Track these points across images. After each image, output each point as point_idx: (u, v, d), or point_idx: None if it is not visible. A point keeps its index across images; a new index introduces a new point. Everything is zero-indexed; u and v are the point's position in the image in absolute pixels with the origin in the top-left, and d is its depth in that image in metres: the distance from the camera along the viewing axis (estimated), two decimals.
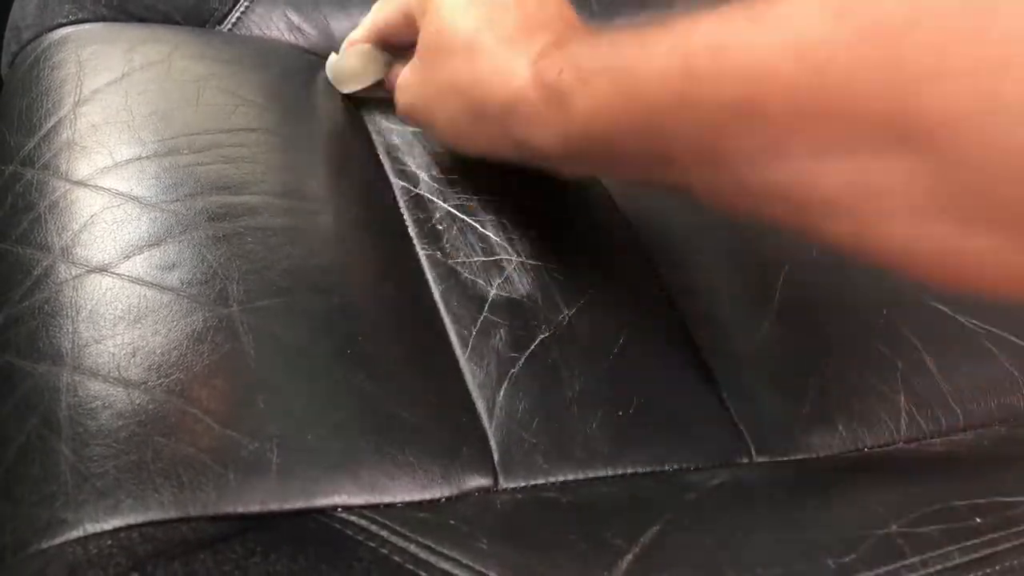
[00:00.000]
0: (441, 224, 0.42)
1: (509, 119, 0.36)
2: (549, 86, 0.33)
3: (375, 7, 0.45)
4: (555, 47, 0.35)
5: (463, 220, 0.42)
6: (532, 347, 0.37)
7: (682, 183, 0.31)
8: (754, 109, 0.25)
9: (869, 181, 0.24)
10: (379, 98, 0.49)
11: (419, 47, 0.41)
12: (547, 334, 0.38)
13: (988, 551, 0.32)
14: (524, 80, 0.34)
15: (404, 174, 0.44)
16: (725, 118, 0.26)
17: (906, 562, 0.31)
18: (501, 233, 0.42)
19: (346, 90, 0.48)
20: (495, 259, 0.41)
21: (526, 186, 0.44)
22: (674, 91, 0.28)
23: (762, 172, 0.27)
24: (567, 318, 0.39)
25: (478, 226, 0.42)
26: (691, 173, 0.30)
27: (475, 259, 0.41)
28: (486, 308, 0.39)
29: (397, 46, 0.45)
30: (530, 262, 0.41)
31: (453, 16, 0.38)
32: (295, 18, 0.53)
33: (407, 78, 0.42)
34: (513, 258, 0.41)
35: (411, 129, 0.47)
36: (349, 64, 0.47)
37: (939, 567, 0.31)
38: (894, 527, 0.32)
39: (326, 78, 0.49)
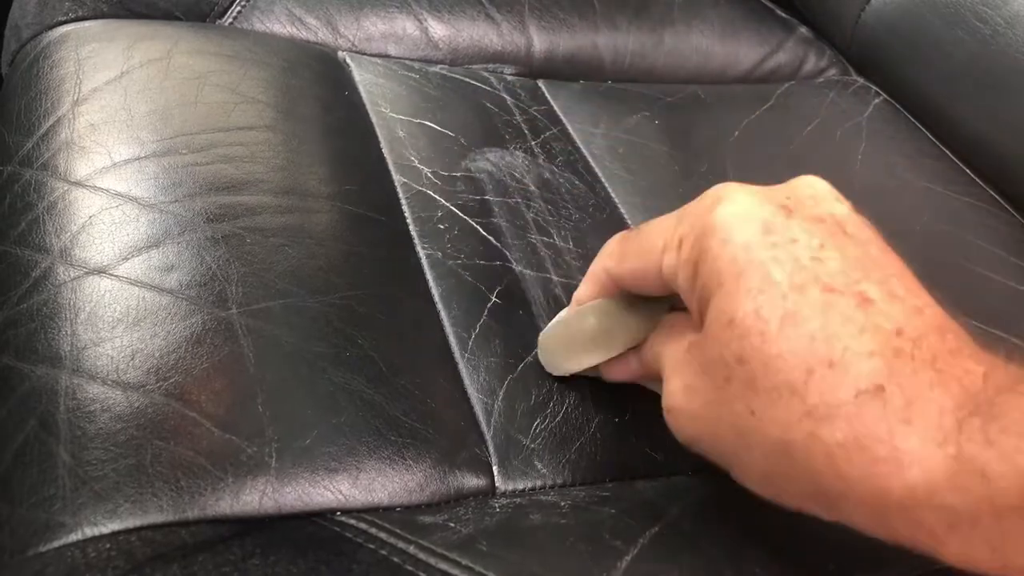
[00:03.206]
0: (443, 224, 0.42)
1: (899, 523, 0.24)
2: (990, 480, 0.22)
3: (605, 256, 0.33)
4: (975, 417, 0.22)
5: (465, 221, 0.42)
6: (531, 352, 0.37)
7: None
8: None
9: None
10: (385, 88, 0.48)
11: (706, 362, 0.27)
12: None
13: None
14: (930, 475, 0.22)
15: (406, 170, 0.44)
16: None
17: (905, 563, 0.31)
18: (503, 237, 0.42)
19: (571, 368, 0.35)
20: (496, 263, 0.41)
21: (527, 188, 0.44)
22: None
23: None
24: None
25: (480, 228, 0.42)
26: None
27: (476, 262, 0.40)
28: (486, 312, 0.39)
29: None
30: (531, 269, 0.41)
31: (764, 332, 0.25)
32: (297, 11, 0.53)
33: (688, 406, 0.29)
34: (514, 266, 0.41)
35: (417, 121, 0.47)
36: (582, 328, 0.34)
37: (938, 567, 0.31)
38: None
39: (327, 72, 0.49)
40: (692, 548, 0.31)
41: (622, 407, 0.36)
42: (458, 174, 0.44)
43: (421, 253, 0.40)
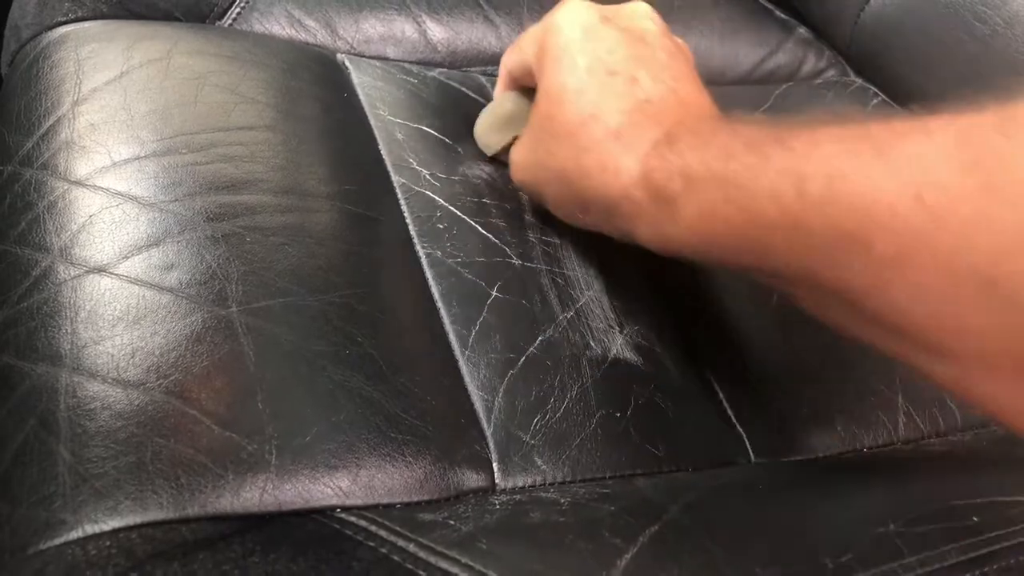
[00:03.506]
0: (442, 223, 0.42)
1: (614, 213, 0.36)
2: (656, 188, 0.33)
3: (506, 53, 0.44)
4: (665, 145, 0.34)
5: (464, 220, 0.42)
6: (531, 349, 0.37)
7: (785, 291, 0.31)
8: (863, 241, 0.25)
9: (970, 332, 0.24)
10: (384, 91, 0.49)
11: (531, 124, 0.40)
12: (546, 336, 0.38)
13: (985, 550, 0.32)
14: (631, 179, 0.34)
15: (406, 171, 0.44)
16: (833, 246, 0.26)
17: (904, 561, 0.31)
18: (502, 235, 0.42)
19: (494, 145, 0.46)
20: (496, 261, 0.41)
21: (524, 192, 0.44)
22: (785, 211, 0.28)
23: (864, 301, 0.27)
24: (566, 320, 0.39)
25: (479, 227, 0.42)
26: (795, 288, 0.30)
27: (476, 259, 0.41)
28: (486, 309, 0.39)
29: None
30: (530, 265, 0.41)
31: (562, 99, 0.37)
32: (296, 12, 0.53)
33: (521, 154, 0.42)
34: (514, 261, 0.41)
35: (415, 126, 0.47)
36: (503, 110, 0.45)
37: (937, 566, 0.31)
38: (892, 527, 0.32)
39: (326, 74, 0.49)
40: (692, 546, 0.31)
41: (623, 404, 0.37)
42: (456, 177, 0.45)
43: (420, 252, 0.40)
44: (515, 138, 0.43)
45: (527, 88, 0.43)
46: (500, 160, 0.46)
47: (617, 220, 0.36)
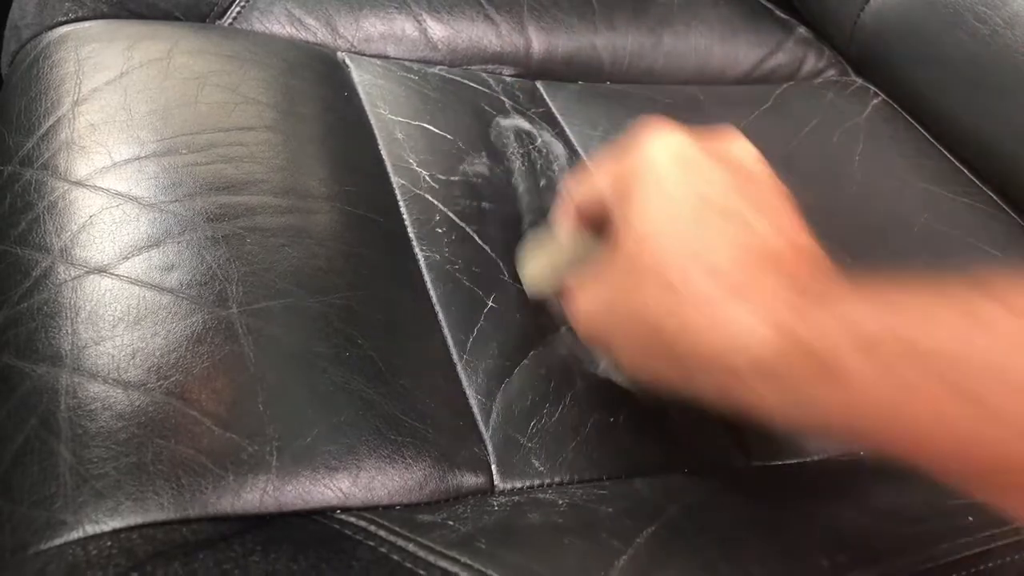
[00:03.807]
0: (440, 228, 0.42)
1: (731, 379, 0.29)
2: (811, 352, 0.27)
3: (572, 183, 0.38)
4: (814, 304, 0.28)
5: (462, 228, 0.42)
6: (524, 360, 0.37)
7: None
8: None
9: None
10: (384, 89, 0.49)
11: (608, 267, 0.33)
12: (537, 351, 0.38)
13: (980, 548, 0.32)
14: (760, 340, 0.28)
15: (405, 172, 0.44)
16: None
17: (899, 560, 0.31)
18: (497, 247, 0.42)
19: (544, 286, 0.40)
20: (491, 274, 0.41)
21: (523, 193, 0.44)
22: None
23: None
24: (555, 338, 0.39)
25: (475, 237, 0.42)
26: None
27: (473, 269, 0.41)
28: (482, 318, 0.39)
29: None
30: (520, 286, 0.41)
31: (657, 239, 0.31)
32: (297, 11, 0.53)
33: (592, 303, 0.34)
34: (506, 278, 0.41)
35: (416, 123, 0.47)
36: (565, 248, 0.38)
37: (931, 565, 0.31)
38: (887, 526, 0.33)
39: (327, 73, 0.49)
40: (689, 547, 0.31)
41: (617, 407, 0.37)
42: (456, 179, 0.45)
43: (419, 255, 0.41)
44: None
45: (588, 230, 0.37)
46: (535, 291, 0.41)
47: (735, 388, 0.29)
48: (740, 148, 0.35)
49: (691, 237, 0.30)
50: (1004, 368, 0.23)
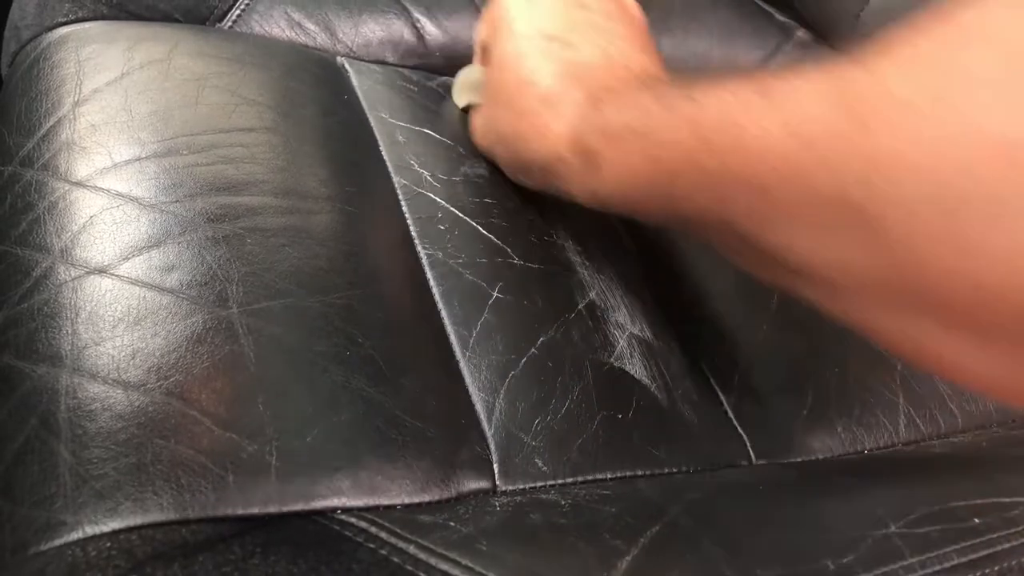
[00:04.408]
0: (443, 224, 0.42)
1: (550, 174, 0.38)
2: (582, 148, 0.35)
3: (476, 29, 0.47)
4: (589, 107, 0.36)
5: (466, 222, 0.42)
6: (532, 350, 0.37)
7: (702, 238, 0.33)
8: (753, 180, 0.27)
9: (851, 265, 0.25)
10: (384, 95, 0.49)
11: (484, 91, 0.43)
12: (548, 337, 0.38)
13: (986, 552, 0.32)
14: (560, 141, 0.36)
15: (407, 172, 0.44)
16: (733, 188, 0.28)
17: (905, 563, 0.31)
18: (504, 235, 0.42)
19: (460, 103, 0.50)
20: (498, 261, 0.41)
21: (529, 192, 0.44)
22: (688, 158, 0.30)
23: (764, 238, 0.28)
24: (568, 321, 0.39)
25: (480, 228, 0.42)
26: (708, 234, 0.32)
27: (478, 260, 0.40)
28: (487, 310, 0.39)
29: None
30: (532, 265, 0.41)
31: (504, 66, 0.40)
32: (296, 15, 0.53)
33: (477, 120, 0.45)
34: (515, 261, 0.41)
35: (417, 128, 0.47)
36: (471, 76, 0.49)
37: (937, 568, 0.31)
38: (893, 528, 0.32)
39: (326, 76, 0.49)
40: (693, 548, 0.31)
41: (624, 405, 0.37)
42: (458, 178, 0.45)
43: (422, 253, 0.40)
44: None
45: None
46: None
47: (554, 180, 0.38)
48: None
49: (527, 62, 0.39)
50: (737, 124, 0.27)
